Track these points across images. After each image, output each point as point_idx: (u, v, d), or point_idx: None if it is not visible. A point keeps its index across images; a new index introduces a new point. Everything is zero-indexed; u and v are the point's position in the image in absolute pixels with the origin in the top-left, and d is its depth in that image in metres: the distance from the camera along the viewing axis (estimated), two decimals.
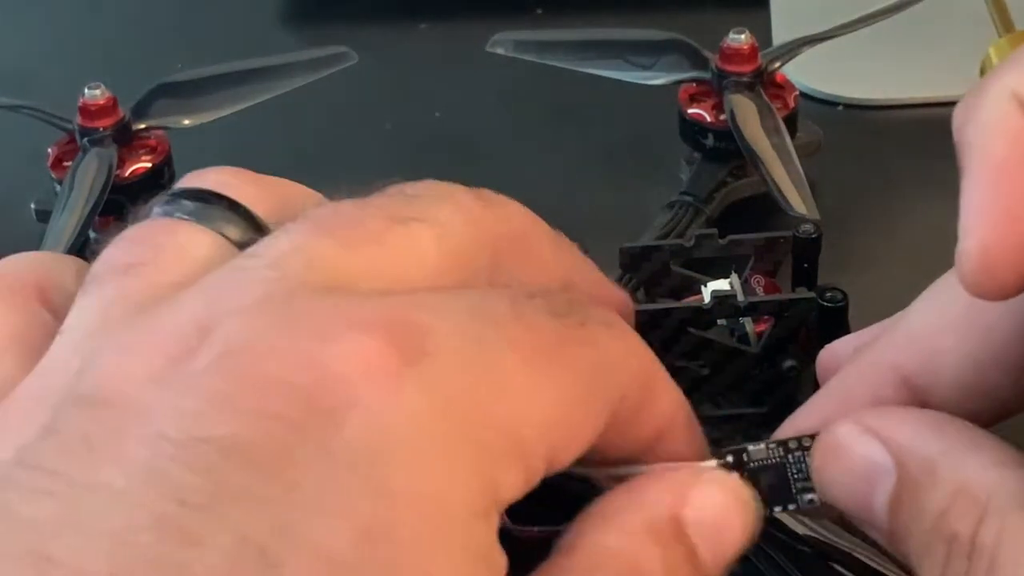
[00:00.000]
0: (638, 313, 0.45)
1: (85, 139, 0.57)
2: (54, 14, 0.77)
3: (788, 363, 0.46)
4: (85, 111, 0.57)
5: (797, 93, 0.59)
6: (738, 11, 0.70)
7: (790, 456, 0.30)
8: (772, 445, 0.30)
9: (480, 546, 0.23)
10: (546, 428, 0.25)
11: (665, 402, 0.29)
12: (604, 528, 0.26)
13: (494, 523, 0.24)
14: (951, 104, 0.67)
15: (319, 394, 0.23)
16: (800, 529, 0.41)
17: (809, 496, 0.29)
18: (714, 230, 0.49)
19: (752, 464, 0.30)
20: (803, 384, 0.47)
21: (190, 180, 0.29)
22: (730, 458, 0.30)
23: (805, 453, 0.30)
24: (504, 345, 0.25)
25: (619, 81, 0.60)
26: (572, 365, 0.26)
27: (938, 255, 0.57)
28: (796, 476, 0.30)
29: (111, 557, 0.21)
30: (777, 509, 0.29)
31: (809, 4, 0.71)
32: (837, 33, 0.60)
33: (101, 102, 0.57)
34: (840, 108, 0.66)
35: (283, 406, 0.23)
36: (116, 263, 0.27)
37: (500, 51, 0.62)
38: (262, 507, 0.22)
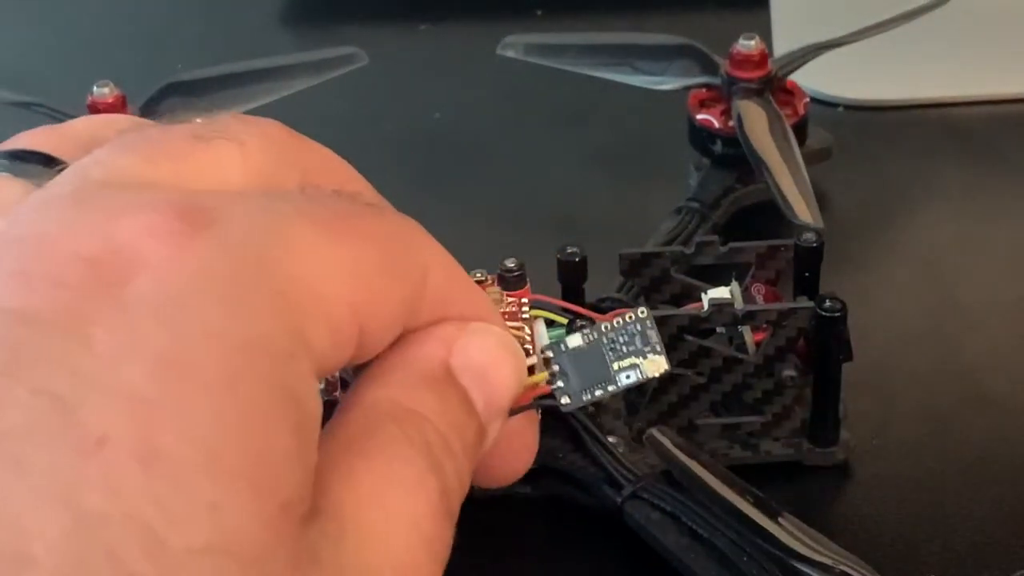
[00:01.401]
0: None
1: None
2: (63, 13, 0.78)
3: (787, 372, 0.46)
4: (94, 109, 0.58)
5: (807, 100, 0.59)
6: (737, 12, 0.70)
7: (604, 339, 0.30)
8: (587, 331, 0.30)
9: (288, 386, 0.24)
10: (345, 288, 0.25)
11: (478, 303, 0.29)
12: (379, 383, 0.27)
13: (305, 368, 0.24)
14: (951, 105, 0.68)
15: (107, 260, 0.24)
16: (786, 539, 0.41)
17: (627, 374, 0.30)
18: (715, 237, 0.49)
19: (570, 352, 0.30)
20: (802, 393, 0.47)
21: (9, 143, 0.30)
22: (550, 353, 0.30)
23: (619, 332, 0.30)
24: (294, 213, 0.26)
25: (624, 84, 0.60)
26: (365, 233, 0.26)
27: (940, 256, 0.58)
28: (612, 357, 0.30)
29: None
30: (598, 393, 0.30)
31: (809, 6, 0.71)
32: (849, 40, 0.60)
33: (110, 100, 0.58)
34: (840, 109, 0.66)
35: (73, 275, 0.23)
36: None
37: (511, 54, 0.62)
38: (57, 362, 0.22)
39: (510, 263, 0.45)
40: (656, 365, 0.30)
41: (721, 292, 0.46)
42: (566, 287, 0.48)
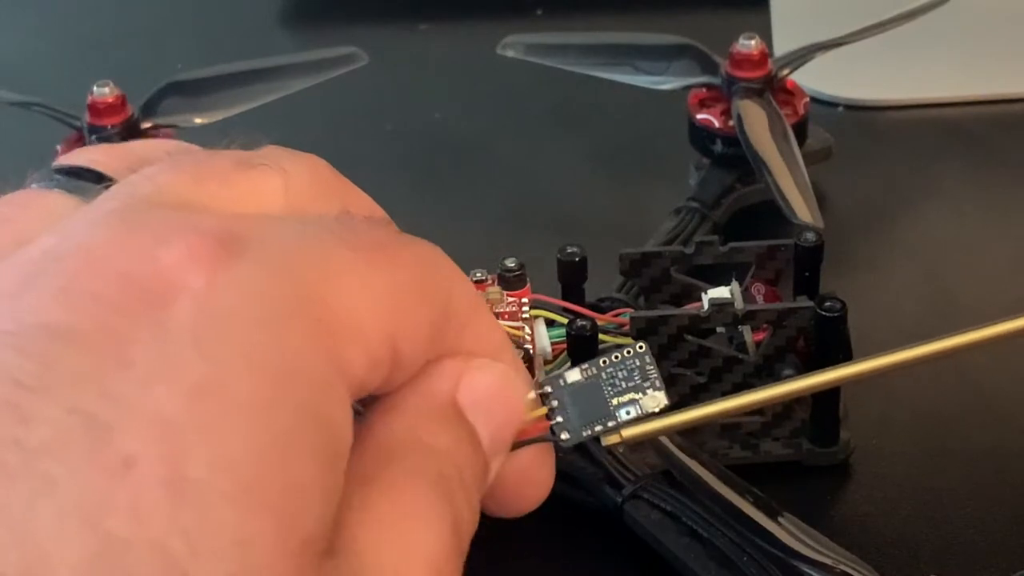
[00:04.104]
0: (634, 319, 0.45)
1: (93, 136, 0.57)
2: (63, 13, 0.78)
3: (786, 372, 0.46)
4: (94, 109, 0.58)
5: (807, 100, 0.59)
6: (737, 12, 0.70)
7: (603, 374, 0.30)
8: (585, 366, 0.30)
9: (323, 416, 0.24)
10: (382, 314, 0.26)
11: (493, 331, 0.29)
12: (391, 416, 0.27)
13: (341, 395, 0.24)
14: (951, 105, 0.68)
15: (150, 281, 0.24)
16: (786, 539, 0.41)
17: (626, 409, 0.30)
18: (715, 237, 0.49)
19: (569, 387, 0.30)
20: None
21: (65, 159, 0.31)
22: (548, 388, 0.30)
23: (618, 367, 0.30)
24: (331, 239, 0.26)
25: (624, 84, 0.60)
26: (398, 259, 0.27)
27: (940, 256, 0.58)
28: (611, 392, 0.30)
29: None
30: (598, 428, 0.30)
31: (809, 6, 0.71)
32: (849, 40, 0.60)
33: (110, 100, 0.58)
34: (840, 109, 0.66)
35: (115, 293, 0.24)
36: None
37: (511, 54, 0.62)
38: (93, 381, 0.22)
39: (510, 263, 0.45)
40: (655, 400, 0.30)
41: (721, 292, 0.46)
42: (566, 287, 0.48)
